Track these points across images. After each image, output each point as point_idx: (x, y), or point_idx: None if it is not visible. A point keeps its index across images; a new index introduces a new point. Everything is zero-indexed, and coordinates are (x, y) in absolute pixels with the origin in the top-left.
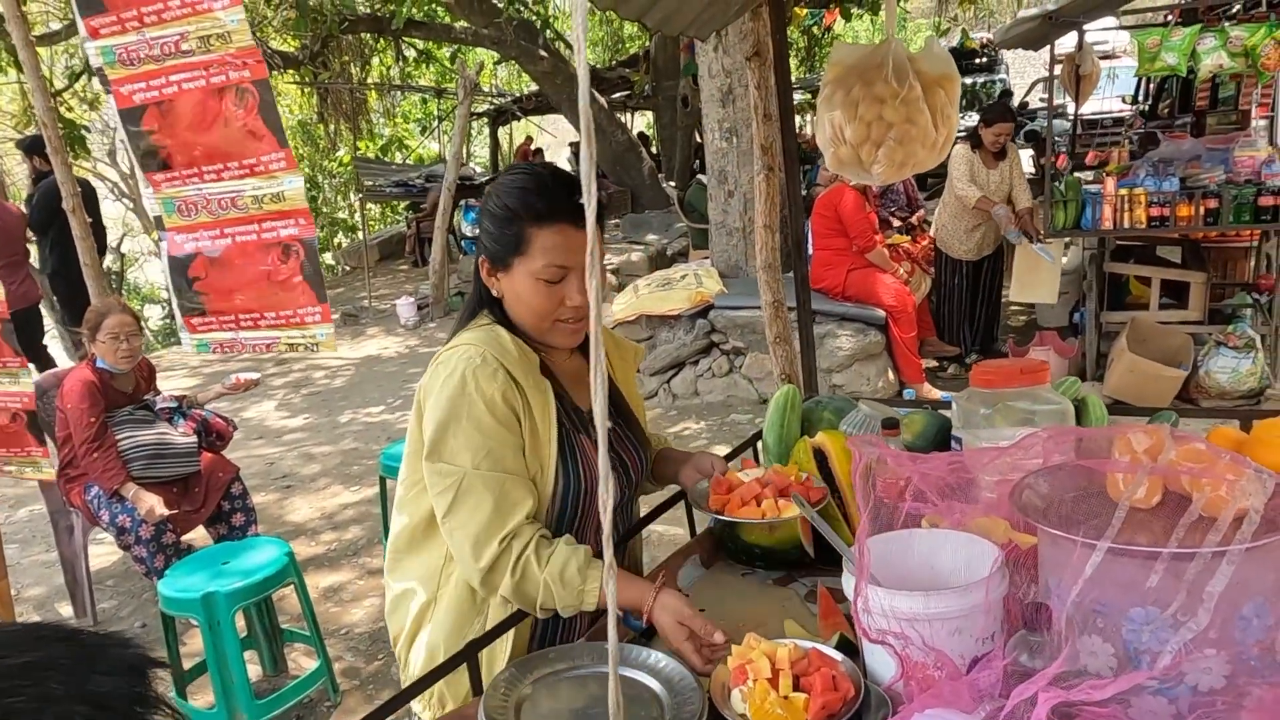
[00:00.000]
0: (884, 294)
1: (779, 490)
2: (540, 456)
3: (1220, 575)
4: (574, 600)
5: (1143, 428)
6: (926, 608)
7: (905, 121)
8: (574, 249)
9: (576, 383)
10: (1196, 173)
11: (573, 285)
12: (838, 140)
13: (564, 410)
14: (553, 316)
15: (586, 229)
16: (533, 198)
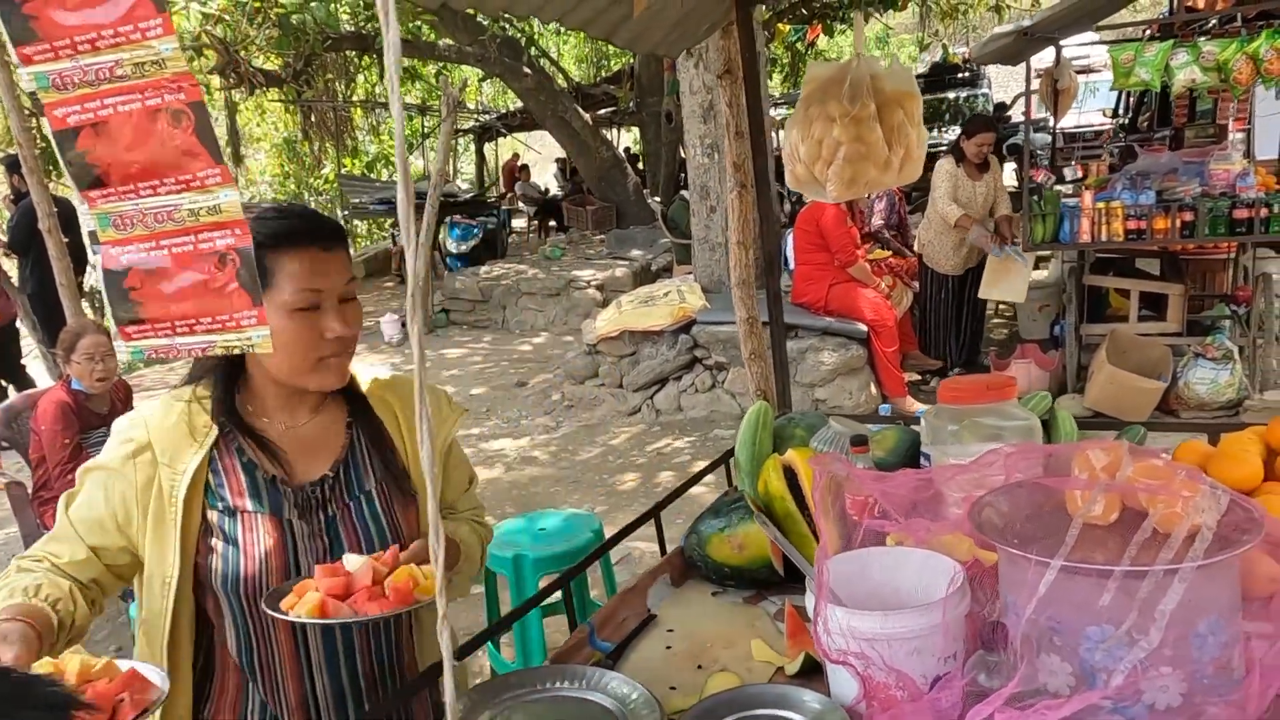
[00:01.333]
0: (865, 308)
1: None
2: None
3: (1172, 593)
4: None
5: (1102, 444)
6: (885, 627)
7: (854, 140)
8: (325, 273)
9: (307, 450)
10: (1173, 185)
11: (330, 315)
12: (794, 159)
13: (249, 483)
14: (314, 354)
15: (338, 254)
16: (272, 224)
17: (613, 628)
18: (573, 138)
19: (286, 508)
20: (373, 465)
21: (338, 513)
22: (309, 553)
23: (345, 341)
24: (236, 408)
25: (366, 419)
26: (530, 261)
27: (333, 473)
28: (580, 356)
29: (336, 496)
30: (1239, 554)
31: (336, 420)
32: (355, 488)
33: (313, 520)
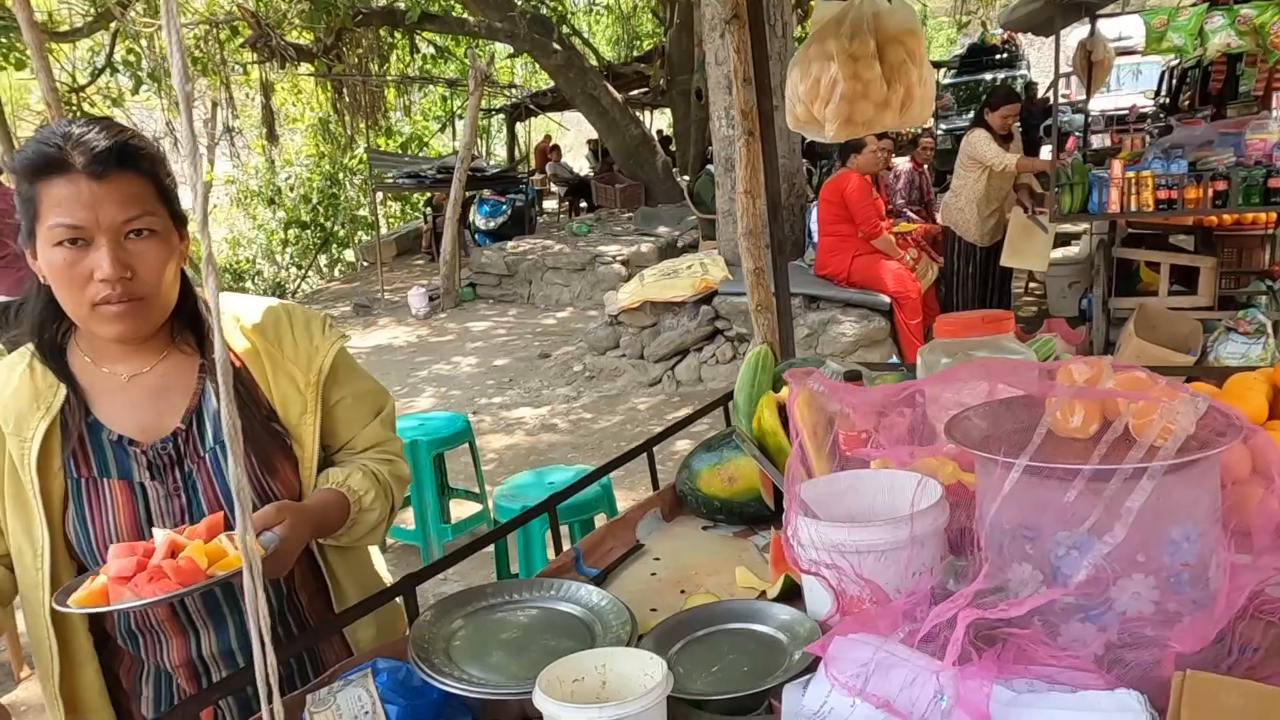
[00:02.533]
0: (889, 280)
1: None
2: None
3: (1140, 491)
4: None
5: (1085, 359)
6: (852, 537)
7: (851, 78)
8: (89, 205)
9: (156, 400)
10: (1207, 155)
11: (99, 252)
12: (794, 98)
13: (94, 447)
14: (87, 297)
15: (117, 181)
16: (34, 151)
17: (599, 555)
18: (602, 115)
19: (137, 470)
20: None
21: (194, 468)
22: (165, 515)
23: (123, 286)
24: (69, 358)
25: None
26: (557, 237)
27: (184, 425)
28: (602, 328)
29: (191, 450)
30: (1214, 455)
31: (186, 365)
32: (210, 438)
33: (167, 479)
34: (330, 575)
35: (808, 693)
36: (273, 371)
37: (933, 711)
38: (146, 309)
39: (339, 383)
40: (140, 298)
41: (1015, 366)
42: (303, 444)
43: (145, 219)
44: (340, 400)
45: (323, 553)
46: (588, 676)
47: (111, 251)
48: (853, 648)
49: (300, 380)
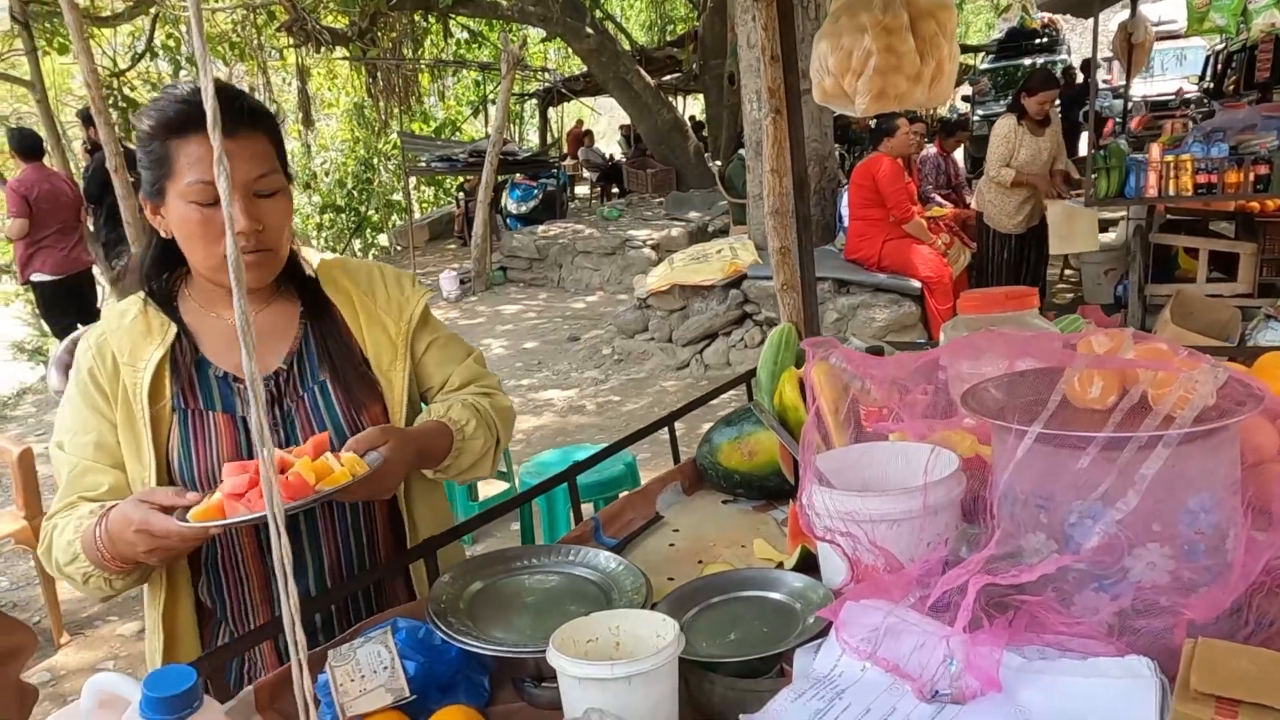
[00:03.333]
0: (920, 265)
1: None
2: (136, 440)
3: (1155, 458)
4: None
5: (1106, 330)
6: (866, 507)
7: (885, 50)
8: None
9: (259, 343)
10: (1249, 139)
11: (235, 208)
12: (823, 71)
13: (201, 383)
14: (219, 251)
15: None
16: (169, 109)
17: (619, 526)
18: (634, 100)
19: (240, 405)
20: (328, 354)
21: (293, 406)
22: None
23: (255, 238)
24: (179, 303)
25: (319, 307)
26: (588, 222)
27: (286, 365)
28: (631, 311)
29: (290, 390)
30: (1232, 424)
31: (288, 312)
32: (309, 379)
33: (267, 415)
34: (411, 527)
35: (818, 656)
36: (366, 320)
37: (941, 675)
38: (272, 260)
39: (428, 329)
40: (268, 249)
41: (1035, 337)
42: (393, 388)
43: (271, 176)
44: (431, 343)
45: (409, 510)
46: (601, 637)
47: (244, 205)
48: (864, 613)
49: (392, 329)
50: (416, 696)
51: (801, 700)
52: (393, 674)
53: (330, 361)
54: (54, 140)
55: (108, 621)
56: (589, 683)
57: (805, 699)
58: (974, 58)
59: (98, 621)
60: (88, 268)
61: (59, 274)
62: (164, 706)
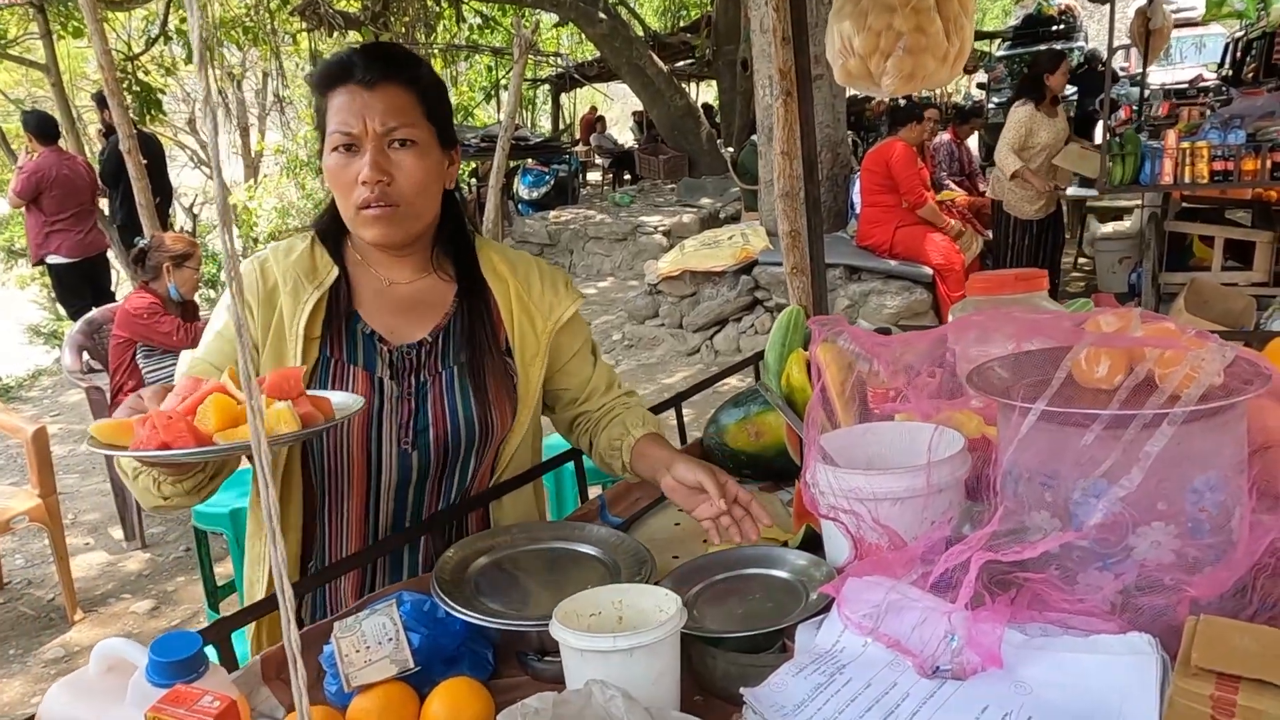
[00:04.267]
0: (932, 252)
1: None
2: (283, 357)
3: (1160, 435)
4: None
5: (1114, 310)
6: (870, 484)
7: (915, 30)
8: (358, 111)
9: (406, 310)
10: (1267, 126)
11: (364, 158)
12: (846, 52)
13: (348, 334)
14: (353, 200)
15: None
16: (324, 66)
17: (625, 505)
18: (647, 86)
19: (380, 365)
20: (474, 337)
21: (429, 380)
22: (393, 414)
23: (381, 190)
24: (345, 255)
25: (475, 290)
26: (599, 208)
27: (431, 338)
28: (642, 296)
29: (430, 363)
30: (1239, 402)
31: (444, 287)
32: (450, 357)
33: (403, 383)
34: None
35: (820, 632)
36: (518, 310)
37: (942, 651)
38: (402, 217)
39: (577, 333)
40: (395, 204)
41: (1043, 317)
42: (529, 383)
43: (406, 129)
44: (577, 351)
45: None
46: (605, 611)
47: (372, 157)
48: (866, 589)
49: (539, 324)
50: (421, 668)
51: (803, 675)
52: (397, 645)
53: (473, 345)
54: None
55: (121, 599)
56: (591, 655)
57: (806, 673)
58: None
59: (111, 599)
60: (103, 251)
61: (74, 257)
62: (170, 671)
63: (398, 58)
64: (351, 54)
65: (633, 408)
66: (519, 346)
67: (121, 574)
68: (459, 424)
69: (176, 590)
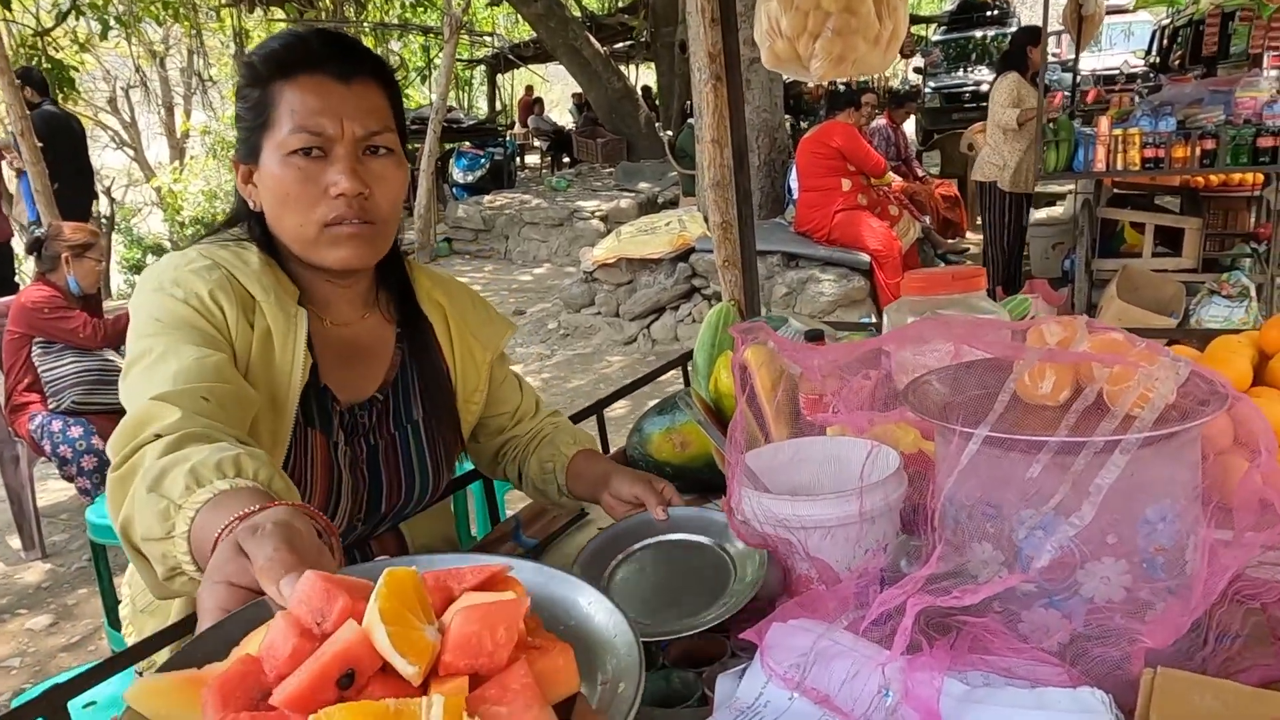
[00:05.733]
0: (869, 238)
1: None
2: (278, 396)
3: (1112, 466)
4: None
5: (1058, 319)
6: (796, 511)
7: (844, 10)
8: (334, 110)
9: (350, 359)
10: (1196, 113)
11: (337, 164)
12: (774, 33)
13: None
14: (317, 217)
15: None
16: (274, 50)
17: (541, 525)
18: (584, 67)
19: (334, 428)
20: (425, 388)
21: (381, 444)
22: (350, 490)
23: (359, 205)
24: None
25: (416, 328)
26: (536, 192)
27: (381, 395)
28: (577, 284)
29: (383, 425)
30: (1195, 427)
31: (385, 328)
32: (403, 416)
33: (355, 448)
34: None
35: (742, 683)
36: (459, 344)
37: (876, 709)
38: (376, 237)
39: (504, 362)
40: (372, 222)
41: (981, 325)
42: (469, 419)
43: (385, 135)
44: (506, 378)
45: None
46: None
47: (350, 164)
48: (792, 634)
49: (479, 356)
50: None
51: None
52: None
53: (426, 398)
54: None
55: (16, 614)
56: None
57: None
58: (926, 29)
59: (5, 615)
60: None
61: None
62: None
63: (365, 50)
64: (316, 37)
65: (561, 428)
66: (460, 381)
67: (18, 586)
68: (414, 485)
69: (78, 604)
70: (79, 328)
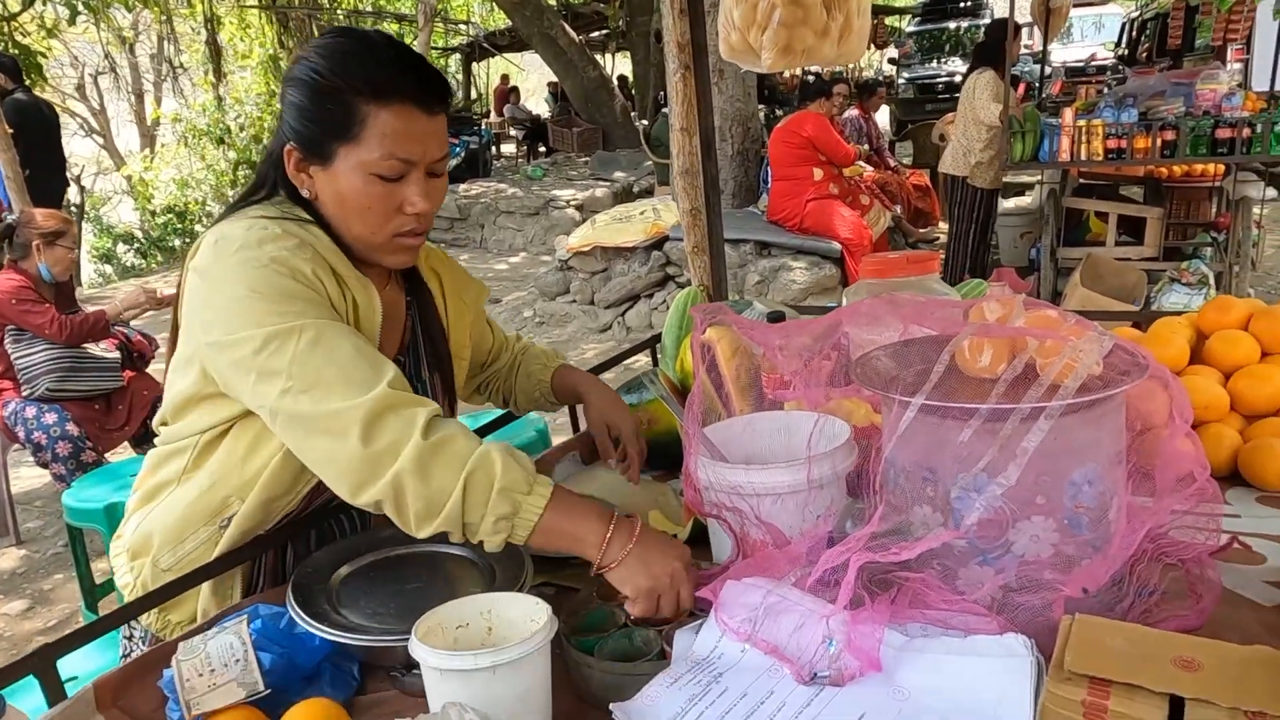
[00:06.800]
0: (841, 226)
1: None
2: None
3: (1037, 430)
4: (507, 508)
5: (997, 297)
6: (750, 478)
7: (790, 3)
8: (421, 140)
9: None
10: (1158, 105)
11: (415, 186)
12: (729, 25)
13: None
14: (389, 228)
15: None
16: (369, 66)
17: None
18: (559, 56)
19: None
20: (434, 351)
21: None
22: None
23: (425, 218)
24: None
25: (422, 296)
26: (511, 181)
27: (401, 359)
28: (552, 273)
29: None
30: (1116, 394)
31: (400, 297)
32: (414, 377)
33: None
34: None
35: (698, 638)
36: (452, 307)
37: (820, 656)
38: (423, 242)
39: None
40: (426, 231)
41: (931, 304)
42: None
43: (445, 159)
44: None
45: None
46: (472, 623)
47: (424, 187)
48: (744, 591)
49: (466, 318)
50: (273, 690)
51: (678, 685)
52: (245, 667)
53: (435, 360)
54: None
55: None
56: (451, 674)
57: (681, 684)
58: (900, 20)
59: None
60: None
61: None
62: None
63: (443, 79)
64: (404, 64)
65: (530, 354)
66: (454, 341)
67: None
68: None
69: (54, 589)
70: (46, 324)
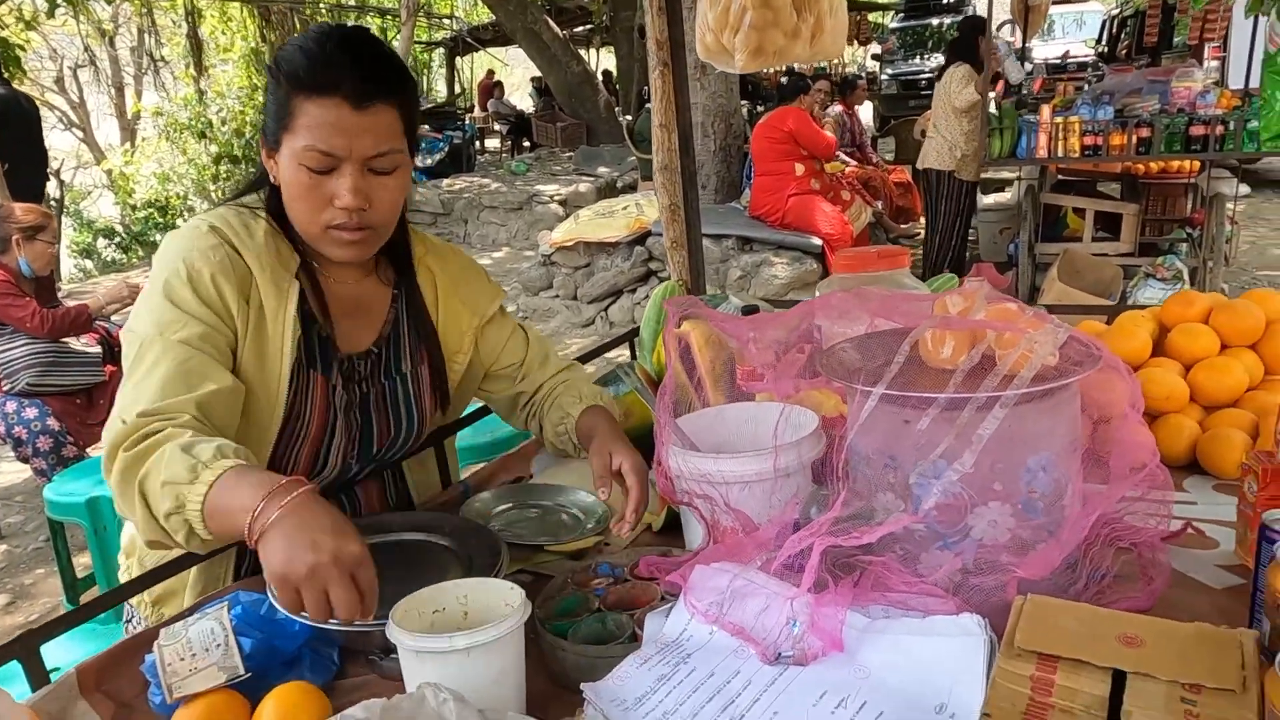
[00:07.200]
0: (822, 222)
1: None
2: (267, 369)
3: (992, 419)
4: (169, 503)
5: (960, 290)
6: (719, 467)
7: (760, 5)
8: (345, 133)
9: (350, 313)
10: (1134, 103)
11: (344, 180)
12: (704, 26)
13: (308, 336)
14: (321, 220)
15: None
16: (305, 60)
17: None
18: (542, 51)
19: (333, 372)
20: (417, 345)
21: (373, 391)
22: (344, 429)
23: (360, 217)
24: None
25: (411, 289)
26: (495, 176)
27: (377, 349)
28: (535, 268)
29: (376, 374)
30: (1070, 384)
31: (381, 291)
32: (394, 368)
33: (350, 392)
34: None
35: (668, 621)
36: (445, 304)
37: (784, 637)
38: (375, 238)
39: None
40: (372, 227)
41: (893, 298)
42: (453, 376)
43: (390, 155)
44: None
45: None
46: (449, 607)
47: (354, 181)
48: (712, 575)
49: (466, 321)
50: (254, 674)
51: (647, 666)
52: (226, 651)
53: (417, 354)
54: None
55: None
56: (428, 656)
57: (651, 664)
58: (884, 16)
59: None
60: None
61: None
62: None
63: (388, 72)
64: (339, 58)
65: (570, 385)
66: (444, 340)
67: None
68: (400, 432)
69: (35, 584)
70: (26, 318)
